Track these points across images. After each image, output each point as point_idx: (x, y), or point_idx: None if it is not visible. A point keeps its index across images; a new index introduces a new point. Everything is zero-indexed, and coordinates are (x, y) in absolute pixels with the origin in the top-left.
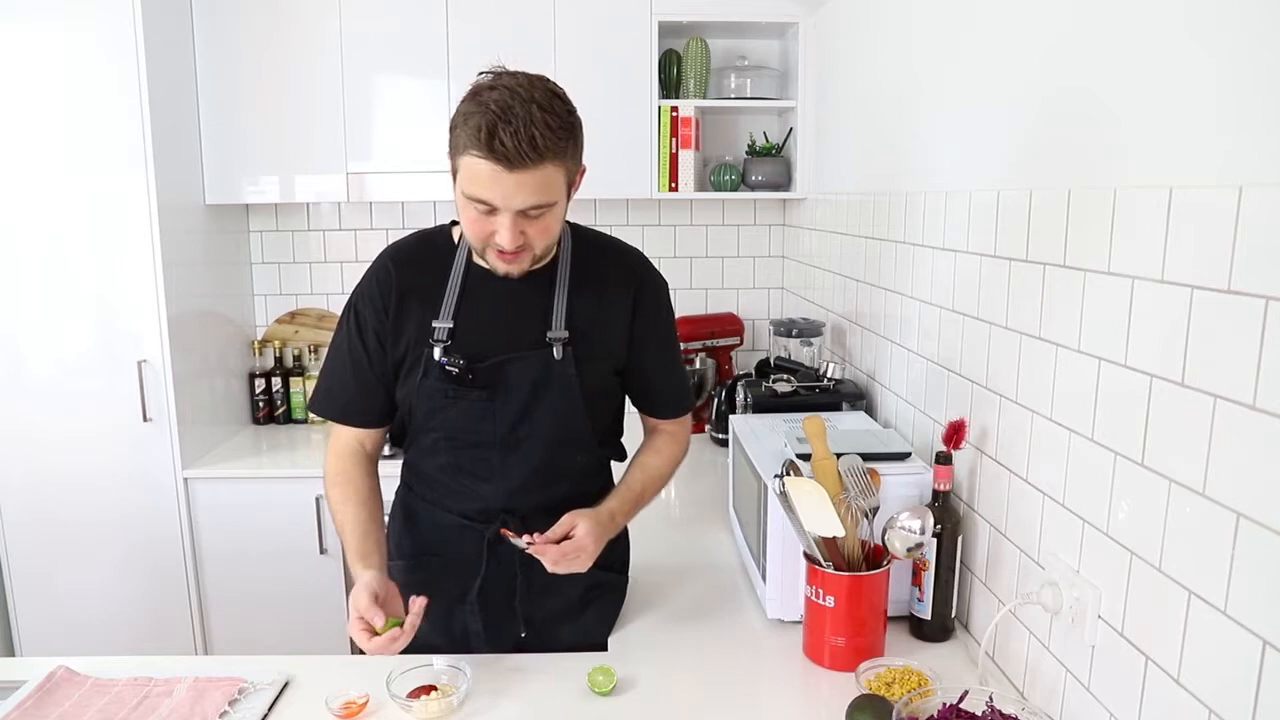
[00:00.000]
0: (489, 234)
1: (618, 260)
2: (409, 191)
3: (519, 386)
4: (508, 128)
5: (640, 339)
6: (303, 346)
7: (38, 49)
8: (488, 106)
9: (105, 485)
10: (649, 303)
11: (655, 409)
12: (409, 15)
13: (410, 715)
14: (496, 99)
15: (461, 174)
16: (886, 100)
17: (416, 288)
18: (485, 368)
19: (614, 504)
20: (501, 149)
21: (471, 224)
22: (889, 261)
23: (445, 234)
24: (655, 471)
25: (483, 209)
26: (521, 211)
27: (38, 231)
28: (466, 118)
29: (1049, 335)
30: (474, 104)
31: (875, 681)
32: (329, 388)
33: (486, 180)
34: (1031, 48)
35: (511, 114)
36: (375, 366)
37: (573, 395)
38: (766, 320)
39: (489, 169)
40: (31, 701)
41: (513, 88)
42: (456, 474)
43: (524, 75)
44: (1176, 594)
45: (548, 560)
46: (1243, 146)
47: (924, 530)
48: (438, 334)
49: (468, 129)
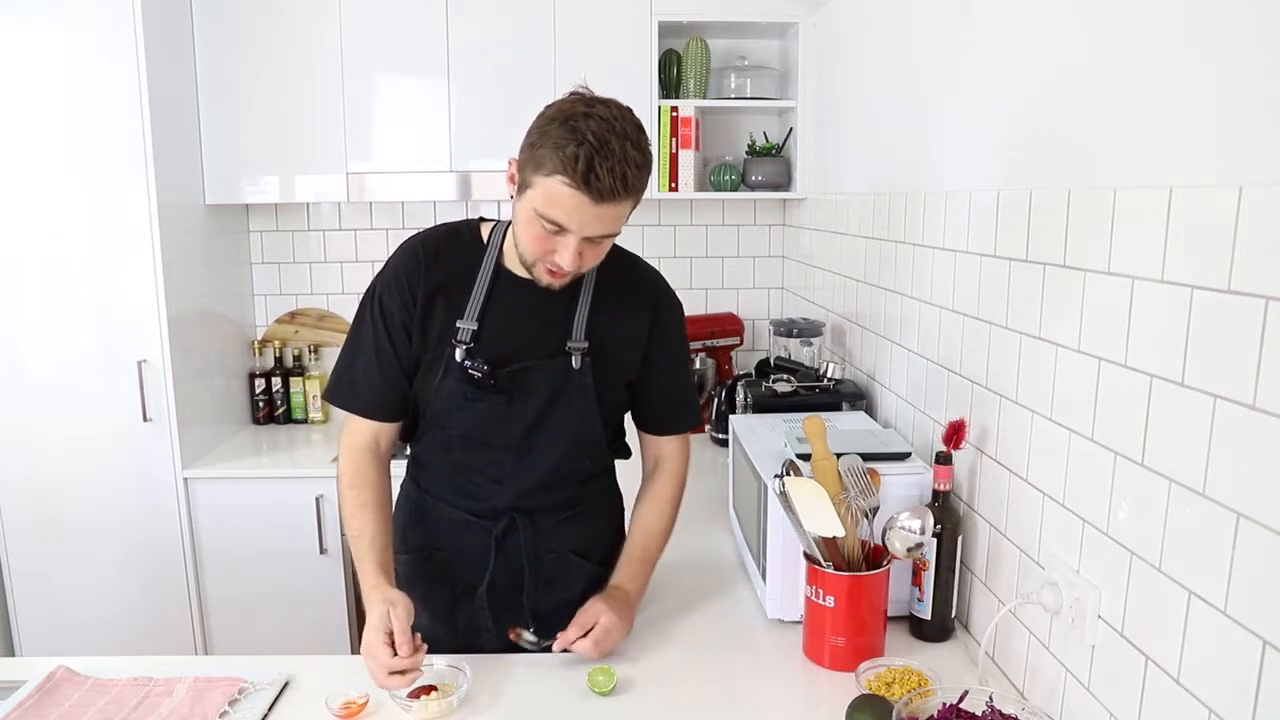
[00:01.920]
0: (549, 251)
1: (640, 279)
2: (409, 191)
3: (537, 393)
4: (605, 163)
5: (653, 356)
6: (303, 346)
7: (38, 49)
8: (584, 137)
9: (105, 485)
10: (666, 322)
11: (655, 424)
12: (409, 15)
13: (410, 715)
14: (595, 130)
15: (538, 193)
16: (886, 100)
17: (444, 284)
18: (506, 373)
19: (620, 579)
20: (596, 183)
21: (534, 239)
22: (889, 261)
23: (474, 231)
24: (656, 527)
25: (551, 229)
26: (589, 237)
27: (38, 231)
28: (559, 143)
29: (1049, 335)
30: (567, 130)
31: (875, 681)
32: (352, 380)
33: (570, 207)
34: (1032, 48)
35: (609, 149)
36: (402, 359)
37: (589, 404)
38: (766, 320)
39: (576, 198)
40: (31, 701)
41: (609, 120)
42: (467, 473)
43: (614, 106)
44: (1176, 594)
45: (586, 650)
46: (1242, 146)
47: (924, 530)
48: (461, 335)
49: (561, 155)
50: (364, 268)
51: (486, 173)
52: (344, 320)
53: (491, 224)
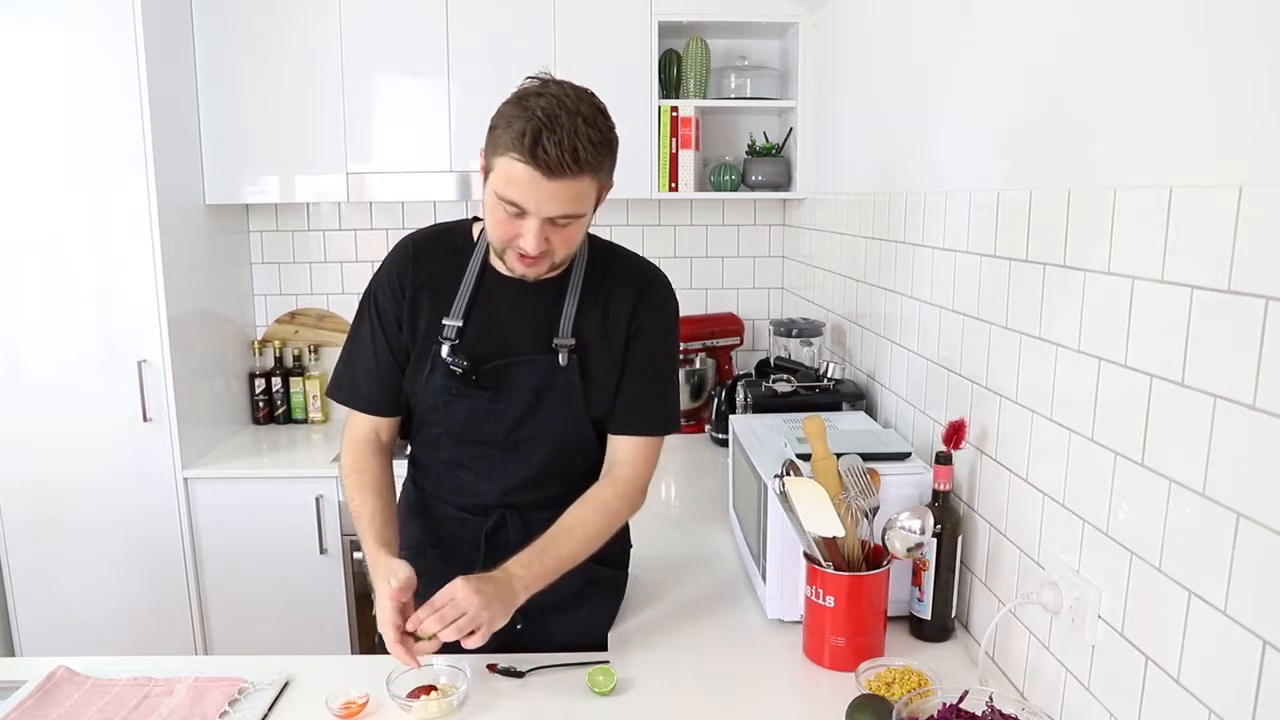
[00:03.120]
0: (514, 236)
1: (631, 276)
2: (409, 191)
3: (521, 389)
4: (552, 136)
5: (630, 349)
6: (303, 346)
7: (38, 49)
8: (534, 113)
9: (105, 485)
10: (647, 315)
11: (613, 421)
12: (409, 15)
13: (410, 715)
14: (544, 106)
15: (496, 174)
16: (886, 100)
17: (432, 281)
18: (489, 369)
19: (510, 561)
20: (544, 156)
21: (498, 224)
22: (889, 261)
23: (466, 230)
24: (571, 523)
25: (512, 211)
26: (550, 219)
27: (38, 231)
28: (510, 121)
29: (1049, 335)
30: (519, 108)
31: (875, 681)
32: (352, 375)
33: (523, 184)
34: (1032, 47)
35: (557, 123)
36: (397, 354)
37: (575, 401)
38: (766, 320)
39: (527, 174)
40: (31, 701)
41: (560, 97)
42: (457, 469)
43: (571, 85)
44: (1176, 594)
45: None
46: (1242, 146)
47: (924, 530)
48: (447, 331)
49: (511, 131)
50: (364, 268)
51: None
52: (344, 320)
53: (483, 223)
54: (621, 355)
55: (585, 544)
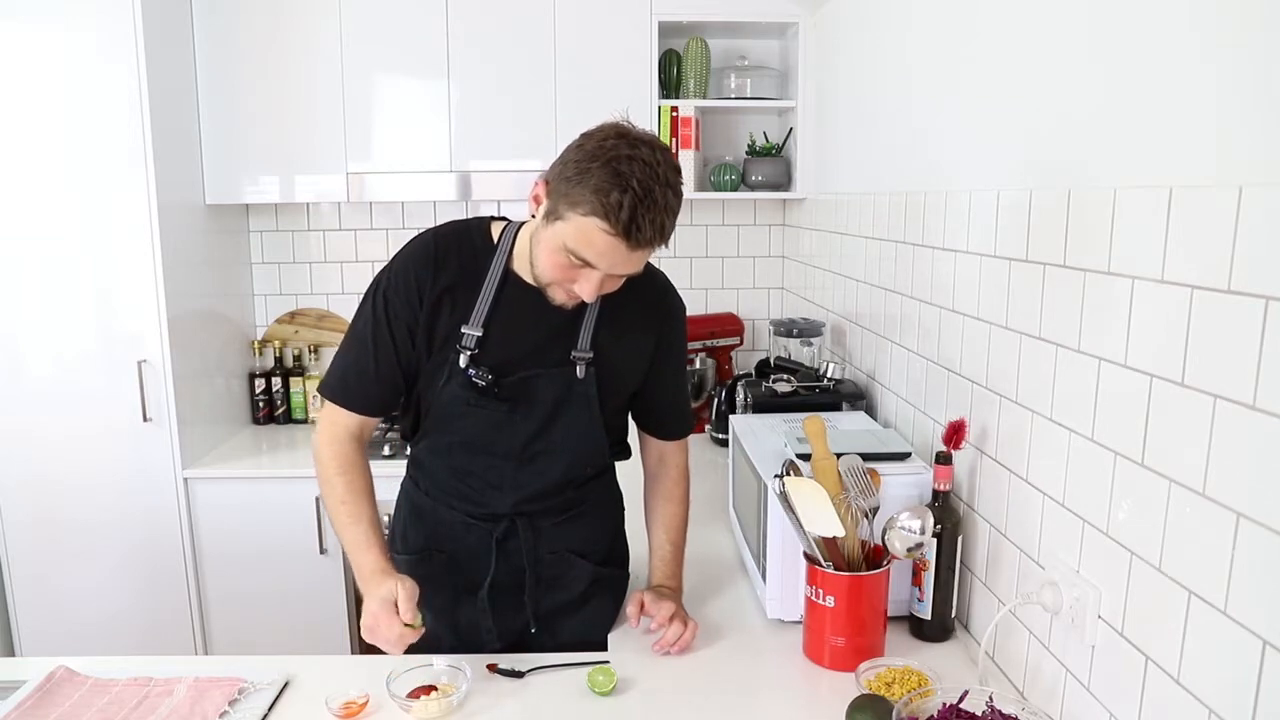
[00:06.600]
0: (570, 280)
1: (648, 288)
2: (409, 191)
3: (540, 402)
4: (648, 214)
5: (660, 366)
6: (303, 346)
7: (38, 49)
8: (628, 183)
9: (105, 485)
10: (673, 334)
11: (661, 430)
12: (409, 15)
13: (410, 715)
14: (639, 178)
15: (571, 228)
16: (886, 100)
17: (452, 287)
18: (510, 382)
19: (661, 578)
20: (637, 234)
21: (556, 268)
22: (889, 261)
23: (484, 232)
24: (676, 524)
25: (577, 263)
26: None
27: (38, 231)
28: (600, 185)
29: (1049, 335)
30: (610, 173)
31: (875, 681)
32: (346, 375)
33: (602, 250)
34: (1032, 47)
35: (651, 199)
36: (402, 360)
37: (592, 414)
38: (766, 320)
39: (611, 242)
40: (31, 701)
41: (651, 164)
42: (467, 478)
43: (656, 147)
44: (1176, 594)
45: (686, 639)
46: (1242, 146)
47: (924, 530)
48: (466, 340)
49: (604, 201)
50: (364, 268)
51: (486, 173)
52: (344, 320)
53: (502, 225)
54: (643, 374)
55: (686, 532)
